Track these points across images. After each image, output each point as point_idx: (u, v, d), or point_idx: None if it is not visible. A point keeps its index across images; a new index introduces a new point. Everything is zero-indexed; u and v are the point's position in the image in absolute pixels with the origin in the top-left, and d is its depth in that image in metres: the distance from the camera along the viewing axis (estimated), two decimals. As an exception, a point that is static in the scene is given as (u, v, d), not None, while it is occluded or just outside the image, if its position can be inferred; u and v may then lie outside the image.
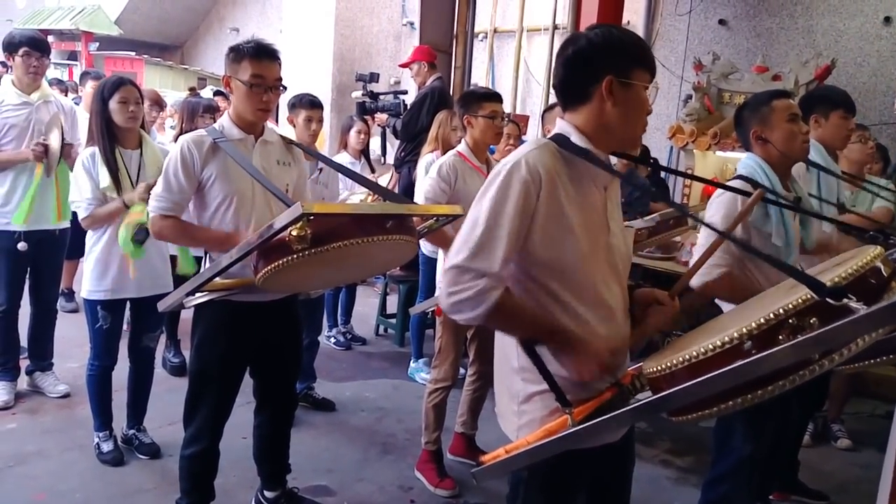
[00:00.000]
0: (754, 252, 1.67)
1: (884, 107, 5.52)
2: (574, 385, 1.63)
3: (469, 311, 1.56)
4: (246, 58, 2.42)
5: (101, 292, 3.23)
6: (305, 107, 3.93)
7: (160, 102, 4.92)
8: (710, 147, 5.42)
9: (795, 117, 2.56)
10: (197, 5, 12.16)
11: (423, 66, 5.64)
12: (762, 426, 2.57)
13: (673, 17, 6.58)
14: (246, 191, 2.47)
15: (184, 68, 11.79)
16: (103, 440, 3.40)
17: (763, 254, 1.68)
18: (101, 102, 3.17)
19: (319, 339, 4.39)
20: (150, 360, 3.51)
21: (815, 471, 3.64)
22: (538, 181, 1.56)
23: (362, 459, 3.61)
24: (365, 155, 5.25)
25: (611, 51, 1.61)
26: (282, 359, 2.77)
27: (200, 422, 2.61)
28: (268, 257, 2.05)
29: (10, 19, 13.95)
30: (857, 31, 5.67)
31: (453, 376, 3.37)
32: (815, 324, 1.23)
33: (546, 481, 1.70)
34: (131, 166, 3.23)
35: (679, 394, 1.31)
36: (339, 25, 8.06)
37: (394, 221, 2.09)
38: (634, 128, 1.67)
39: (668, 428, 4.08)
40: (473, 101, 3.34)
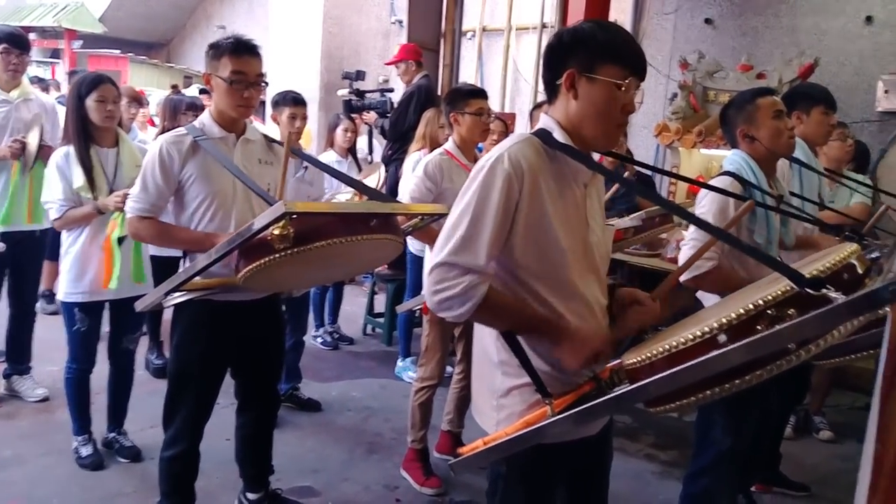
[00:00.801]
0: (743, 248, 1.67)
1: (865, 104, 5.55)
2: (553, 379, 1.63)
3: (457, 307, 1.55)
4: (226, 54, 2.40)
5: (79, 294, 3.18)
6: (289, 104, 3.91)
7: (139, 99, 4.88)
8: (696, 145, 5.45)
9: (780, 114, 2.59)
10: (183, 2, 12.09)
11: (409, 65, 5.63)
12: (742, 419, 2.59)
13: (660, 16, 6.59)
14: (227, 190, 2.45)
15: (169, 66, 11.73)
16: (82, 444, 3.35)
17: (750, 248, 1.69)
18: (77, 100, 3.12)
19: (306, 340, 4.38)
20: (131, 363, 3.46)
21: (797, 463, 3.67)
22: (521, 175, 1.55)
23: (348, 459, 3.60)
24: (352, 153, 5.23)
25: (576, 45, 1.60)
26: (264, 359, 2.75)
27: (180, 423, 2.58)
28: (249, 256, 2.03)
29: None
30: (839, 30, 5.70)
31: (440, 375, 3.37)
32: (794, 314, 1.25)
33: (524, 475, 1.70)
34: (107, 165, 3.18)
35: (657, 382, 1.31)
36: (327, 23, 8.04)
37: (378, 220, 2.07)
38: (601, 125, 1.61)
39: (652, 422, 4.11)
40: (459, 98, 3.33)
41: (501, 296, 1.62)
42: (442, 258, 1.55)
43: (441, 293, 1.55)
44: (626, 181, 1.84)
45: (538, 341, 1.63)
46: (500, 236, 1.56)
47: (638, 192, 3.86)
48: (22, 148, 3.62)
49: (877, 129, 5.52)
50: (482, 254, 1.53)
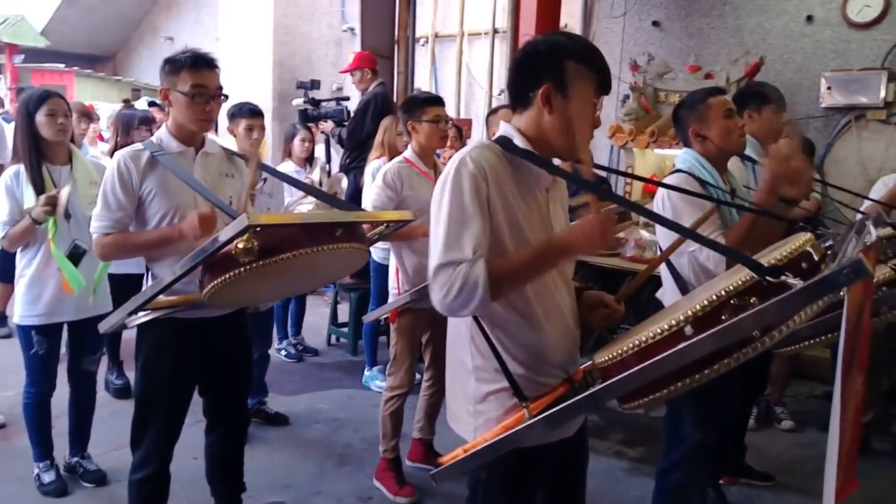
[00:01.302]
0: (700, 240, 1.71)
1: (809, 101, 5.72)
2: (529, 381, 1.65)
3: (473, 296, 1.52)
4: (184, 69, 2.37)
5: (35, 317, 3.09)
6: (246, 116, 3.88)
7: (89, 115, 4.79)
8: (649, 145, 5.56)
9: (731, 113, 2.65)
10: (128, 14, 11.85)
11: (365, 73, 5.63)
12: (710, 413, 2.63)
13: (608, 20, 6.69)
14: (188, 205, 2.41)
15: (116, 80, 11.46)
16: (44, 471, 3.26)
17: (712, 242, 1.72)
18: (26, 117, 3.03)
19: (270, 353, 4.33)
20: (92, 384, 3.38)
21: (760, 453, 3.74)
22: (484, 174, 1.57)
23: (319, 472, 3.57)
24: (310, 163, 5.20)
25: (553, 59, 1.61)
26: (232, 375, 2.71)
27: (149, 444, 2.52)
28: (214, 271, 2.01)
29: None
30: (782, 29, 5.86)
31: (410, 382, 3.36)
32: (755, 303, 1.30)
33: (505, 479, 1.71)
34: (60, 182, 3.08)
35: (628, 378, 1.34)
36: (278, 32, 7.99)
37: (343, 229, 2.07)
38: (571, 139, 1.64)
39: (620, 420, 4.15)
40: (416, 106, 3.33)
41: (499, 261, 1.59)
42: (437, 263, 1.56)
43: (449, 294, 1.53)
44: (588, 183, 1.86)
45: (515, 340, 1.65)
46: (483, 227, 1.56)
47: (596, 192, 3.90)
48: None
49: (822, 124, 5.68)
50: (468, 246, 1.54)
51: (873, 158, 5.45)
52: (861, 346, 1.41)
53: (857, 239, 1.56)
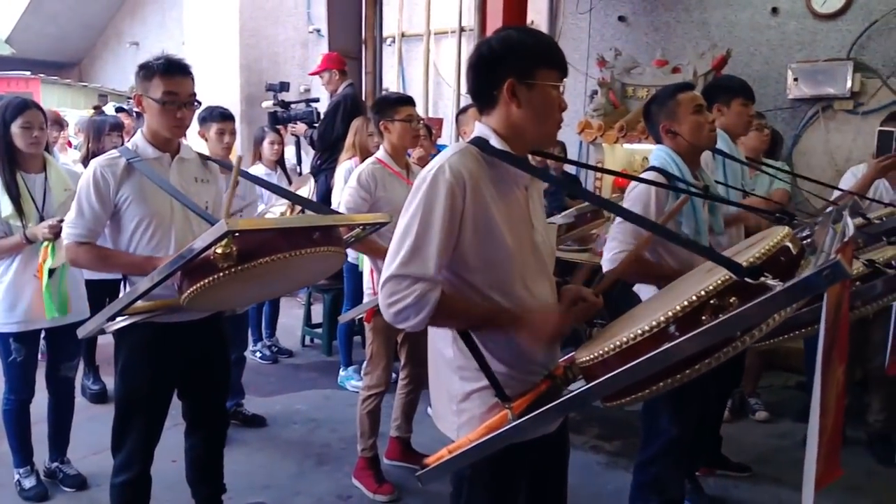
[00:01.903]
0: (675, 239, 1.75)
1: (777, 93, 5.81)
2: (511, 379, 1.67)
3: (413, 317, 1.59)
4: (157, 75, 2.36)
5: (13, 324, 3.09)
6: (217, 120, 3.86)
7: (60, 122, 4.76)
8: (618, 140, 5.60)
9: (700, 108, 2.67)
10: (93, 21, 11.69)
11: (333, 74, 5.62)
12: (685, 407, 2.67)
13: (575, 16, 6.75)
14: (164, 211, 2.42)
15: (83, 86, 11.31)
16: (24, 476, 3.27)
17: (687, 241, 1.76)
18: (2, 126, 3.01)
19: (245, 355, 4.32)
20: (70, 390, 3.39)
21: (736, 444, 3.79)
22: (462, 184, 1.59)
23: (298, 473, 3.58)
24: (281, 165, 5.20)
25: (510, 54, 1.65)
26: (211, 378, 2.72)
27: (130, 448, 2.53)
28: (192, 277, 2.02)
29: None
30: (747, 21, 5.95)
31: (386, 381, 3.37)
32: (735, 302, 1.32)
33: (489, 477, 1.73)
34: (35, 191, 3.08)
35: (613, 379, 1.36)
36: (244, 35, 7.94)
37: (321, 232, 2.09)
38: (545, 126, 1.69)
39: (596, 415, 4.19)
40: (387, 106, 3.35)
41: (454, 298, 1.65)
42: (392, 271, 1.59)
43: (395, 305, 1.59)
44: (560, 181, 1.90)
45: (496, 338, 1.67)
46: (447, 245, 1.60)
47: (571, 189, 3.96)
48: None
49: (789, 115, 5.78)
50: (431, 263, 1.57)
51: (841, 149, 5.57)
52: (840, 338, 1.44)
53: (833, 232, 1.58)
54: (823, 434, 1.34)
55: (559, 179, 1.86)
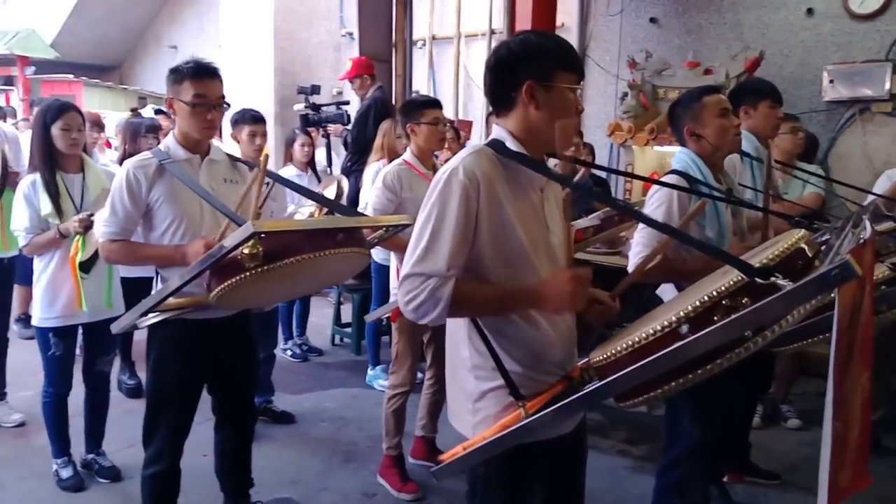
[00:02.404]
0: (691, 242, 1.75)
1: (812, 95, 5.72)
2: (526, 379, 1.69)
3: (431, 311, 1.62)
4: (187, 78, 2.44)
5: (52, 319, 3.21)
6: (248, 122, 3.94)
7: (99, 123, 4.88)
8: (648, 142, 5.58)
9: (726, 112, 2.65)
10: (133, 25, 11.96)
11: (364, 79, 5.68)
12: (707, 410, 2.65)
13: (605, 18, 6.73)
14: (194, 211, 2.49)
15: (123, 88, 11.58)
16: (62, 466, 3.38)
17: (700, 243, 1.75)
18: (42, 128, 3.14)
19: (275, 353, 4.40)
20: (106, 384, 3.49)
21: (766, 451, 3.74)
22: (476, 185, 1.62)
23: (325, 469, 3.63)
24: (311, 167, 5.27)
25: (529, 57, 1.67)
26: (238, 374, 2.78)
27: (160, 441, 2.60)
28: (221, 276, 2.08)
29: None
30: (781, 23, 5.87)
31: (411, 381, 3.41)
32: (748, 303, 1.32)
33: (503, 476, 1.76)
34: (74, 191, 3.21)
35: (624, 378, 1.38)
36: (279, 38, 8.06)
37: (344, 234, 2.14)
38: (560, 129, 1.71)
39: (623, 418, 4.18)
40: (414, 109, 3.39)
41: (469, 285, 1.67)
42: (407, 271, 1.63)
43: (412, 302, 1.63)
44: (577, 185, 1.92)
45: (511, 338, 1.70)
46: (462, 245, 1.62)
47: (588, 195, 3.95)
48: None
49: (825, 118, 5.69)
50: (443, 262, 1.60)
51: (879, 152, 5.46)
52: (864, 343, 1.42)
53: (852, 234, 1.58)
54: (841, 441, 1.34)
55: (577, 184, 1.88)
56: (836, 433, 1.25)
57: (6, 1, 12.69)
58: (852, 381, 1.39)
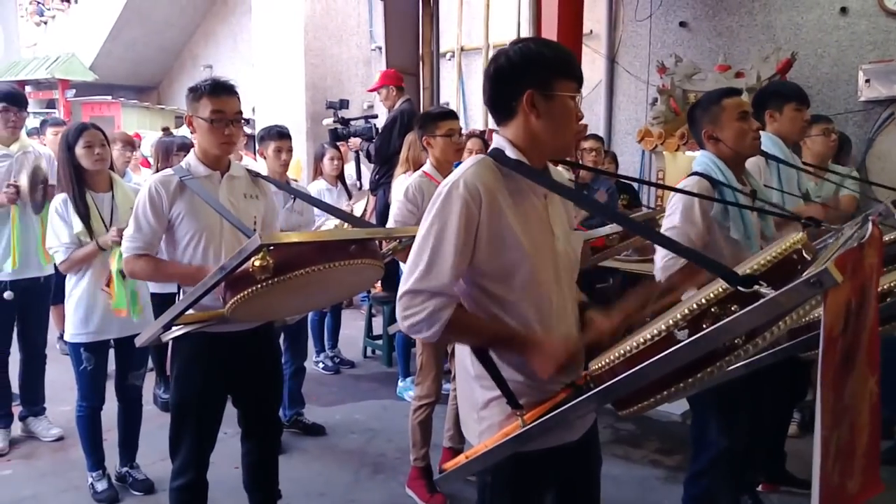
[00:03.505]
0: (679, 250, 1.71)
1: (847, 95, 5.62)
2: (529, 388, 1.69)
3: (425, 330, 1.64)
4: (204, 95, 2.50)
5: (84, 335, 3.29)
6: (274, 138, 4.00)
7: (132, 143, 5.00)
8: (679, 148, 5.53)
9: (745, 115, 2.61)
10: (169, 45, 12.27)
11: (390, 90, 5.72)
12: (734, 418, 2.61)
13: (634, 23, 6.69)
14: (214, 226, 2.54)
15: (160, 108, 11.89)
16: (97, 479, 3.45)
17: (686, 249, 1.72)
18: (66, 150, 3.24)
19: (307, 365, 4.44)
20: (138, 398, 3.55)
21: (804, 460, 3.59)
22: (477, 197, 1.62)
23: (353, 481, 3.65)
24: (341, 180, 5.33)
25: (529, 65, 1.67)
26: (262, 386, 2.81)
27: (185, 453, 2.64)
28: (234, 288, 2.11)
29: (-11, 72, 14.07)
30: (815, 23, 5.78)
31: (436, 392, 3.41)
32: (736, 310, 1.30)
33: (509, 484, 1.75)
34: (103, 209, 3.30)
35: (616, 385, 1.38)
36: (309, 55, 8.18)
37: (357, 246, 2.16)
38: (563, 137, 1.72)
39: (656, 428, 4.14)
40: (430, 121, 3.42)
41: (467, 315, 1.70)
42: (408, 287, 1.65)
43: (409, 318, 1.65)
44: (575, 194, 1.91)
45: (509, 353, 1.70)
46: (462, 259, 1.63)
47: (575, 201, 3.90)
48: (17, 192, 3.72)
49: (861, 118, 5.57)
50: (445, 277, 1.62)
51: (920, 152, 5.32)
52: (869, 347, 1.39)
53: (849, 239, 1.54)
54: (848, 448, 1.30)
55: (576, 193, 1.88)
56: (825, 442, 1.21)
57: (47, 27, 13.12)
58: (857, 386, 1.36)
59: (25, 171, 3.75)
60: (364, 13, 8.77)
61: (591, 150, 4.86)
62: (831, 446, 1.27)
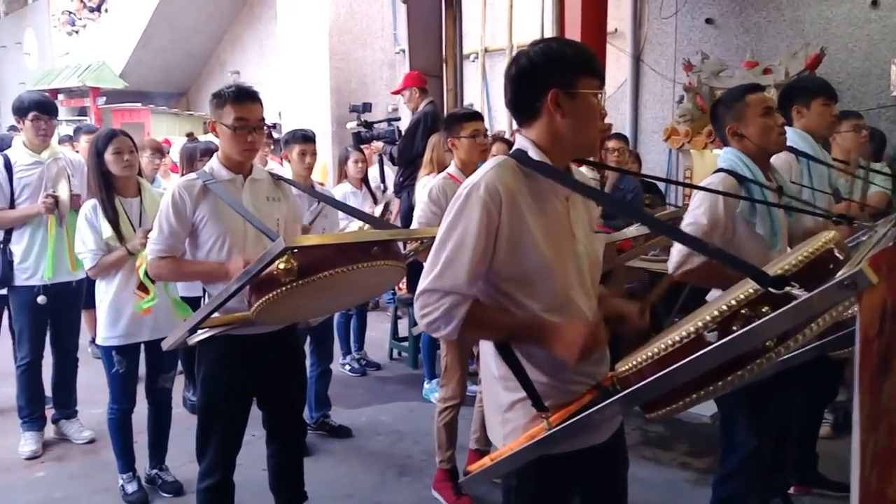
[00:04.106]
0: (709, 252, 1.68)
1: (880, 90, 5.50)
2: (554, 389, 1.67)
3: (443, 328, 1.64)
4: (228, 102, 2.52)
5: (115, 338, 3.33)
6: (298, 141, 4.03)
7: (161, 150, 5.06)
8: (707, 145, 5.46)
9: (770, 111, 2.57)
10: (197, 52, 12.42)
11: (414, 92, 5.73)
12: (763, 419, 2.58)
13: (659, 21, 6.62)
14: (237, 229, 2.56)
15: (189, 114, 12.03)
16: (127, 481, 3.49)
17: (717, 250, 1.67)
18: (96, 156, 3.29)
19: (333, 368, 4.45)
20: (168, 401, 3.59)
21: (837, 462, 3.57)
22: (497, 200, 1.61)
23: (379, 483, 3.66)
24: (366, 183, 5.34)
25: (551, 65, 1.66)
26: (286, 388, 2.82)
27: (212, 455, 2.66)
28: (259, 291, 2.13)
29: (23, 82, 14.37)
30: (845, 17, 5.67)
31: (461, 394, 3.40)
32: (767, 312, 1.26)
33: (535, 487, 1.74)
34: (132, 214, 3.35)
35: (643, 389, 1.35)
36: (334, 59, 8.23)
37: (379, 247, 2.16)
38: (588, 135, 1.70)
39: (686, 430, 4.09)
40: (454, 123, 3.42)
41: (485, 310, 1.69)
42: (425, 286, 1.64)
43: (426, 317, 1.65)
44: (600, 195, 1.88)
45: (534, 349, 1.68)
46: (482, 261, 1.62)
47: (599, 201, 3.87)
48: (55, 202, 3.79)
49: (894, 114, 5.45)
50: (462, 278, 1.61)
51: (958, 147, 5.18)
52: None
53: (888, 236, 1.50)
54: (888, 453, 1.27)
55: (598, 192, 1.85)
56: (862, 447, 1.18)
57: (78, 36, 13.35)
58: (894, 389, 1.31)
59: (63, 181, 3.81)
60: (388, 16, 8.79)
61: (615, 150, 4.83)
62: (868, 451, 1.24)
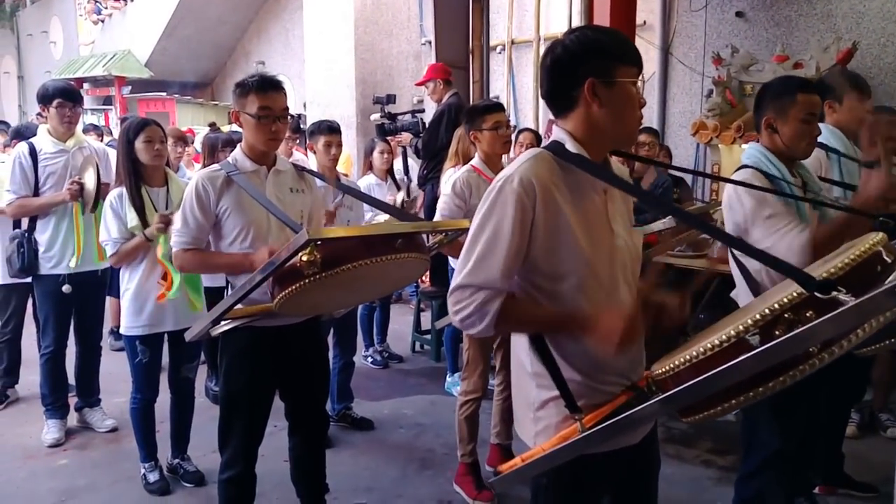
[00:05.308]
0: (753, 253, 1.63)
1: (914, 86, 5.38)
2: (588, 388, 1.64)
3: (478, 324, 1.60)
4: (252, 91, 2.50)
5: (139, 328, 3.35)
6: (324, 132, 4.02)
7: (184, 139, 5.08)
8: (735, 140, 5.36)
9: (812, 118, 2.47)
10: (223, 42, 12.46)
11: (438, 84, 5.68)
12: (788, 419, 2.53)
13: (689, 14, 6.52)
14: (261, 220, 2.55)
15: (214, 104, 12.09)
16: (149, 470, 3.52)
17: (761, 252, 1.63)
18: (126, 143, 3.30)
19: (356, 360, 4.45)
20: (190, 391, 3.61)
21: (863, 462, 3.55)
22: (532, 193, 1.57)
23: (401, 476, 3.65)
24: (391, 175, 5.32)
25: (588, 53, 1.61)
26: (309, 380, 2.82)
27: (234, 446, 2.66)
28: (282, 283, 2.11)
29: (49, 71, 14.54)
30: (878, 10, 5.54)
31: (483, 387, 3.39)
32: (812, 317, 1.22)
33: (566, 487, 1.70)
34: (158, 203, 3.35)
35: (681, 394, 1.31)
36: (359, 50, 8.21)
37: (403, 240, 2.13)
38: (627, 125, 1.65)
39: (709, 428, 4.04)
40: (476, 115, 3.38)
41: (519, 303, 1.65)
42: (458, 281, 1.61)
43: (460, 313, 1.61)
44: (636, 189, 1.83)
45: (571, 346, 1.64)
46: (516, 255, 1.58)
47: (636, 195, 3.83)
48: (80, 189, 3.81)
49: (927, 110, 5.33)
50: (495, 272, 1.57)
51: None
52: None
53: None
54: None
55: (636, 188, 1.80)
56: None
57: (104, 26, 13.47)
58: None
59: (91, 168, 3.83)
60: (414, 7, 8.74)
61: (645, 144, 4.77)
62: None
